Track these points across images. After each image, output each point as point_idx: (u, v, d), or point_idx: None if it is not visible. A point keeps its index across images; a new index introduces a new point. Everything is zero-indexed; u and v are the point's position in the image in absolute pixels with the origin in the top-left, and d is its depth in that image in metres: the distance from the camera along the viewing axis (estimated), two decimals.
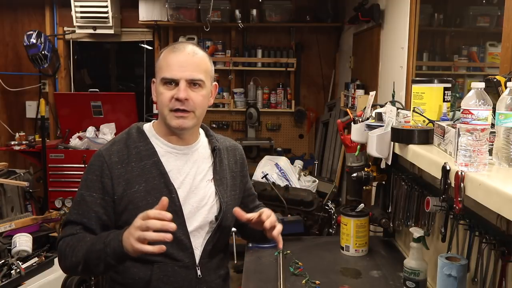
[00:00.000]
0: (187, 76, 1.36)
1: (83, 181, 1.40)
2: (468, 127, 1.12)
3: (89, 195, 1.37)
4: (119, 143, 1.43)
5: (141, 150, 1.41)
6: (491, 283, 1.37)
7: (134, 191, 1.36)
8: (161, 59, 1.41)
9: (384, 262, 2.07)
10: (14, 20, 4.94)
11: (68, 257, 1.34)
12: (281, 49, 4.92)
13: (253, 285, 1.89)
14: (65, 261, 1.35)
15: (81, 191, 1.39)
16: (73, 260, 1.32)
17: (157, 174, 1.38)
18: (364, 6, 3.30)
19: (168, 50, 1.41)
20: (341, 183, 4.10)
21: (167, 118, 1.39)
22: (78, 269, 1.34)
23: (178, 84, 1.36)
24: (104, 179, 1.36)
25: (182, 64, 1.36)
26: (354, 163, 2.21)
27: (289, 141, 5.11)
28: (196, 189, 1.44)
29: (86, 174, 1.40)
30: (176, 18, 4.65)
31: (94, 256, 1.28)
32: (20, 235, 2.44)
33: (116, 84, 6.15)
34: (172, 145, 1.44)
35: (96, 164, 1.39)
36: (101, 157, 1.39)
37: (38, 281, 2.26)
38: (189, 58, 1.38)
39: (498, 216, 1.30)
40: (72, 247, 1.33)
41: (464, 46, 2.35)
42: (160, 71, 1.39)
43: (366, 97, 2.69)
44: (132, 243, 1.19)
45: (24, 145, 4.41)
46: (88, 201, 1.37)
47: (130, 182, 1.36)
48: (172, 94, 1.36)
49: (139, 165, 1.39)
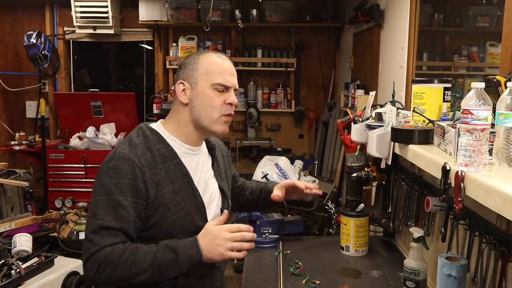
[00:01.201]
0: (236, 84, 1.48)
1: (112, 185, 1.33)
2: (468, 127, 1.12)
3: (125, 199, 1.32)
4: (140, 146, 1.40)
5: (163, 152, 1.42)
6: (491, 283, 1.37)
7: (164, 192, 1.38)
8: (207, 64, 1.44)
9: (384, 262, 2.07)
10: (14, 20, 4.94)
11: (122, 268, 1.30)
12: (281, 49, 4.92)
13: (253, 285, 1.89)
14: (114, 272, 1.30)
15: (114, 196, 1.32)
16: (133, 272, 1.31)
17: (180, 174, 1.42)
18: (364, 6, 3.30)
19: (215, 57, 1.46)
20: (341, 183, 4.10)
21: (215, 123, 1.45)
22: (132, 281, 1.32)
23: (228, 91, 1.45)
24: (137, 183, 1.34)
25: (232, 73, 1.46)
26: (354, 163, 2.21)
27: (289, 141, 5.11)
28: (207, 186, 1.52)
29: (115, 178, 1.33)
30: (176, 18, 4.66)
31: (164, 266, 1.33)
32: (20, 235, 2.44)
33: (116, 84, 6.15)
34: (188, 146, 1.48)
35: (126, 168, 1.34)
36: (130, 160, 1.35)
37: (38, 281, 2.26)
38: (234, 68, 1.49)
39: (498, 216, 1.30)
40: (128, 259, 1.30)
41: (464, 46, 2.35)
42: (211, 76, 1.43)
43: (366, 97, 2.69)
44: (222, 252, 1.36)
45: (24, 145, 4.41)
46: (125, 205, 1.32)
47: (159, 184, 1.37)
48: (223, 99, 1.44)
49: (164, 166, 1.40)
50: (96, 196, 1.35)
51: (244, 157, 4.88)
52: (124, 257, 1.30)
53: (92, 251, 1.30)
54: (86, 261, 1.32)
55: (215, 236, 1.37)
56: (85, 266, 1.33)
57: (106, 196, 1.33)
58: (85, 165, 4.20)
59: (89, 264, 1.31)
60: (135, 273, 1.31)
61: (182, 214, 1.40)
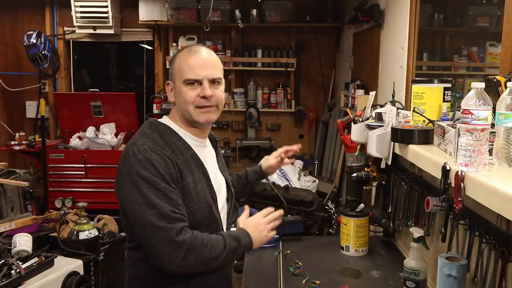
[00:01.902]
0: (209, 75, 1.48)
1: (153, 176, 1.35)
2: (468, 127, 1.12)
3: (170, 186, 1.38)
4: (157, 140, 1.44)
5: (178, 145, 1.48)
6: (491, 283, 1.37)
7: (188, 182, 1.44)
8: (179, 62, 1.50)
9: (384, 262, 2.07)
10: (14, 20, 4.94)
11: (204, 253, 1.37)
12: (281, 49, 4.92)
13: (253, 285, 1.89)
14: (198, 257, 1.37)
15: (160, 185, 1.35)
16: (212, 257, 1.40)
17: (196, 165, 1.49)
18: (364, 6, 3.30)
19: (185, 53, 1.50)
20: (341, 183, 4.10)
21: (194, 115, 1.49)
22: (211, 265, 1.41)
23: (202, 84, 1.47)
24: (171, 170, 1.39)
25: (202, 65, 1.48)
26: (354, 163, 2.21)
27: (289, 141, 5.10)
28: (216, 176, 1.60)
29: (152, 169, 1.35)
30: (176, 18, 4.65)
31: (231, 252, 1.44)
32: (20, 235, 2.44)
33: (116, 84, 6.14)
34: (198, 138, 1.55)
35: (157, 158, 1.38)
36: (158, 150, 1.40)
37: (38, 281, 2.26)
38: (207, 59, 1.51)
39: (498, 216, 1.30)
40: (207, 243, 1.39)
41: (464, 46, 2.35)
42: (181, 73, 1.48)
43: (366, 97, 2.69)
44: (266, 234, 1.57)
45: (24, 145, 4.41)
46: (173, 191, 1.38)
47: (183, 174, 1.44)
48: (197, 93, 1.47)
49: (183, 157, 1.46)
50: (140, 191, 1.35)
51: (244, 157, 4.88)
52: (204, 243, 1.38)
53: (172, 236, 1.32)
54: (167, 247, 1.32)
55: (256, 224, 1.55)
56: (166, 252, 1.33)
57: (153, 187, 1.35)
58: (85, 165, 4.20)
59: (172, 250, 1.33)
60: (213, 258, 1.39)
61: (202, 203, 1.46)
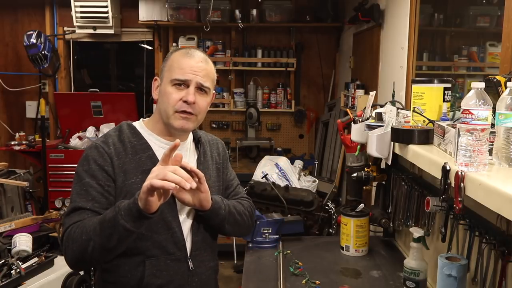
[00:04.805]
0: (198, 80, 1.43)
1: (84, 172, 1.39)
2: (468, 127, 1.12)
3: (95, 182, 1.38)
4: (112, 138, 1.46)
5: (135, 145, 1.46)
6: (491, 283, 1.37)
7: (132, 182, 1.40)
8: (172, 61, 1.46)
9: (384, 262, 2.07)
10: (14, 20, 4.94)
11: (77, 239, 1.30)
12: (281, 49, 4.92)
13: (253, 285, 1.89)
14: (73, 245, 1.31)
15: (85, 180, 1.38)
16: (84, 239, 1.29)
17: (152, 167, 1.36)
18: (364, 6, 3.29)
19: (181, 53, 1.47)
20: (341, 183, 4.10)
21: (171, 118, 1.44)
22: (88, 250, 1.29)
23: (188, 87, 1.43)
24: (107, 167, 1.39)
25: (195, 69, 1.43)
26: (354, 163, 2.21)
27: (289, 141, 5.11)
28: None
29: (86, 165, 1.40)
30: (176, 18, 4.65)
31: (107, 225, 1.26)
32: (20, 235, 2.44)
33: (116, 84, 6.14)
34: (165, 140, 1.49)
35: (94, 154, 1.41)
36: (99, 148, 1.42)
37: (38, 281, 2.26)
38: (202, 64, 1.45)
39: (498, 216, 1.30)
40: (81, 227, 1.31)
41: (464, 46, 2.35)
42: (171, 72, 1.44)
43: (366, 97, 2.69)
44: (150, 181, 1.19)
45: (24, 145, 4.41)
46: (95, 187, 1.38)
47: (127, 173, 1.41)
48: (180, 96, 1.42)
49: (135, 158, 1.44)
50: (73, 185, 1.42)
51: (244, 157, 4.87)
52: (79, 227, 1.32)
53: (62, 234, 1.35)
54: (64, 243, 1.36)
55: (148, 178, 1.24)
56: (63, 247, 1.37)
57: (79, 182, 1.39)
58: None
59: (63, 247, 1.36)
60: (86, 239, 1.29)
61: None
